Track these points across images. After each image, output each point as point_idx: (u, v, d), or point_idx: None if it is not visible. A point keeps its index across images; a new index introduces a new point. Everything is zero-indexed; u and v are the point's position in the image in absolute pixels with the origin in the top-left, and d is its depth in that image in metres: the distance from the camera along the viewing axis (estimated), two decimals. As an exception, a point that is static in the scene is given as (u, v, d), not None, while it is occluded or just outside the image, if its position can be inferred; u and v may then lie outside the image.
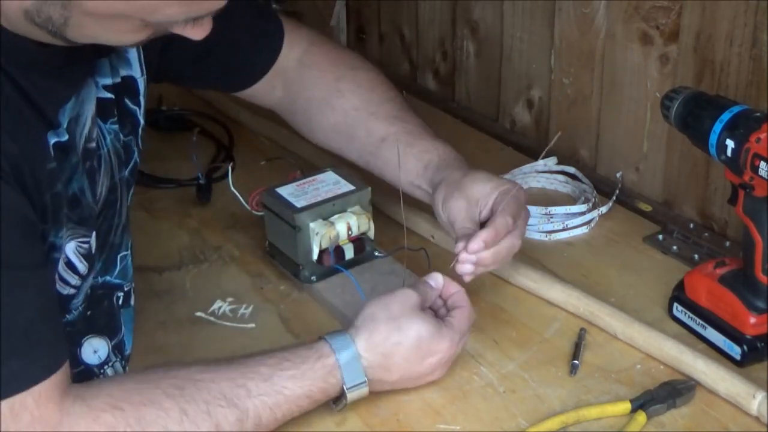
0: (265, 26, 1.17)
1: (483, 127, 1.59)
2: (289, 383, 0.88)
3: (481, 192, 1.04)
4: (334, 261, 1.14)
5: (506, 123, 1.58)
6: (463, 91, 1.67)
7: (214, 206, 1.35)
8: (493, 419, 0.93)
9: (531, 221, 1.25)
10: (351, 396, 0.91)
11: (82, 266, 0.91)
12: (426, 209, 1.16)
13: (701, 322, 1.03)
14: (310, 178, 1.18)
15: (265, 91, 1.19)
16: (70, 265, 0.89)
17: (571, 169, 1.38)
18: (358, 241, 1.15)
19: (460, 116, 1.63)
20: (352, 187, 1.16)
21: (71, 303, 0.92)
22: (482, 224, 1.02)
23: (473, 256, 0.99)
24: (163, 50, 1.04)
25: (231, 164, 1.31)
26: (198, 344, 1.06)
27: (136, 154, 1.01)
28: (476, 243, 0.98)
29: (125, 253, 1.01)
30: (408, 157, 1.12)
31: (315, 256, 1.13)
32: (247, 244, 1.25)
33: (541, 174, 1.39)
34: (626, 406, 0.93)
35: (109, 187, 0.96)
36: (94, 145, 0.91)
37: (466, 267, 0.99)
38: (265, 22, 1.17)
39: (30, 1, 0.75)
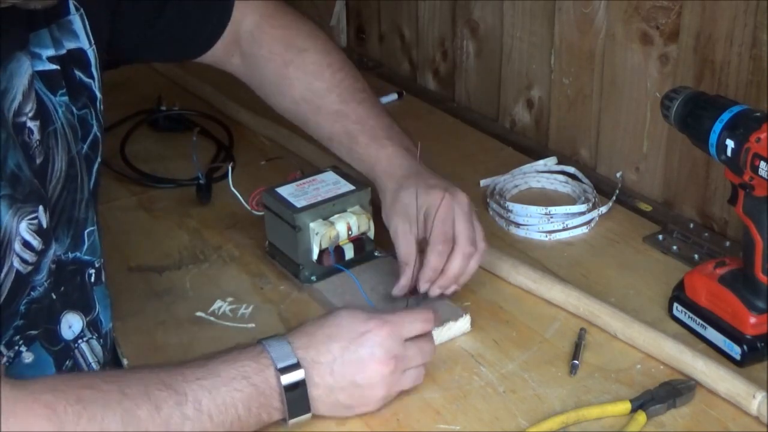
0: None
1: (483, 127, 1.59)
2: (223, 366, 0.87)
3: (412, 210, 1.05)
4: (334, 261, 1.14)
5: (506, 123, 1.58)
6: (463, 91, 1.67)
7: (214, 206, 1.35)
8: (493, 419, 0.93)
9: (531, 221, 1.26)
10: (287, 378, 0.88)
11: (36, 242, 0.89)
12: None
13: (701, 322, 1.03)
14: (310, 178, 1.18)
15: (223, 57, 1.20)
16: (26, 244, 0.89)
17: (571, 169, 1.38)
18: (358, 241, 1.15)
19: (460, 116, 1.63)
20: (352, 187, 1.16)
21: (34, 279, 0.92)
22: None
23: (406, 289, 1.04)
24: (112, 22, 1.04)
25: (231, 164, 1.31)
26: (198, 344, 1.05)
27: (95, 128, 1.00)
28: (397, 289, 1.06)
29: (92, 228, 1.00)
30: (352, 161, 1.16)
31: (315, 256, 1.13)
32: (247, 244, 1.25)
33: (541, 174, 1.39)
34: (626, 406, 0.93)
35: (67, 162, 0.95)
36: (23, 119, 0.89)
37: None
38: None
39: None
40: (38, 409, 0.78)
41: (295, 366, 0.88)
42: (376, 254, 1.17)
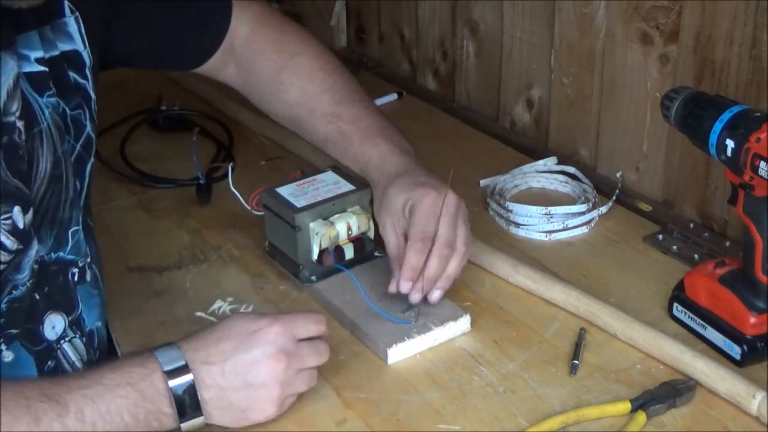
0: (213, 2, 1.18)
1: (483, 127, 1.59)
2: (108, 373, 0.85)
3: (398, 206, 1.05)
4: (334, 261, 1.14)
5: (506, 123, 1.58)
6: (463, 91, 1.67)
7: (214, 206, 1.35)
8: (493, 419, 0.93)
9: (531, 221, 1.26)
10: (174, 381, 0.85)
11: (9, 242, 0.89)
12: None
13: (701, 321, 1.03)
14: (310, 178, 1.18)
15: (218, 68, 1.20)
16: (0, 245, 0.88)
17: (571, 169, 1.38)
18: (358, 241, 1.15)
19: (460, 116, 1.63)
20: (352, 187, 1.16)
21: (15, 278, 0.91)
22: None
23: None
24: (107, 24, 1.04)
25: (231, 164, 1.31)
26: (198, 344, 1.05)
27: (89, 128, 1.00)
28: (391, 286, 1.05)
29: (76, 228, 1.00)
30: (346, 162, 1.16)
31: (315, 256, 1.13)
32: (247, 244, 1.25)
33: (541, 174, 1.39)
34: (626, 406, 0.93)
35: (53, 162, 0.95)
36: (11, 119, 0.89)
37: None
38: (212, 1, 1.18)
39: None
40: None
41: (184, 368, 0.86)
42: (376, 254, 1.17)
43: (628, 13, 1.28)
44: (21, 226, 0.90)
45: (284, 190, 1.16)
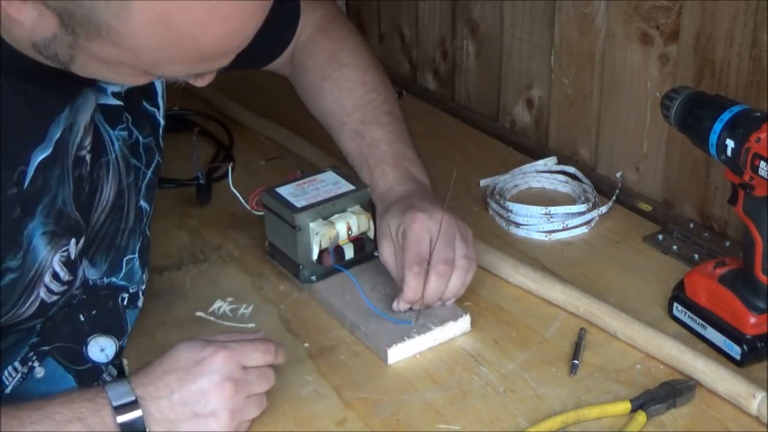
0: (284, 5, 1.18)
1: (483, 127, 1.59)
2: (59, 408, 0.84)
3: (392, 232, 1.05)
4: (334, 261, 1.14)
5: (506, 123, 1.58)
6: (463, 91, 1.67)
7: (214, 206, 1.35)
8: (493, 419, 0.93)
9: (531, 221, 1.26)
10: (123, 417, 0.84)
11: (63, 273, 0.91)
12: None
13: (701, 321, 1.03)
14: (310, 178, 1.18)
15: (282, 65, 1.24)
16: (54, 275, 0.90)
17: (571, 169, 1.38)
18: (358, 241, 1.15)
19: (460, 116, 1.63)
20: (352, 187, 1.16)
21: (50, 308, 0.93)
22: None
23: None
24: None
25: (231, 164, 1.31)
26: (198, 344, 1.05)
27: (157, 155, 1.03)
28: (396, 306, 1.05)
29: (132, 256, 1.02)
30: (362, 180, 1.17)
31: (315, 256, 1.13)
32: (247, 244, 1.25)
33: (541, 174, 1.39)
34: (626, 406, 0.93)
35: (117, 192, 0.97)
36: (83, 153, 0.91)
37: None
38: (283, 2, 1.19)
39: (39, 37, 0.75)
40: None
41: (133, 404, 0.85)
42: (376, 254, 1.17)
43: (628, 13, 1.28)
44: (73, 256, 0.92)
45: (284, 190, 1.16)
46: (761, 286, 0.98)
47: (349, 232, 1.13)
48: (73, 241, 0.91)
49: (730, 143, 0.95)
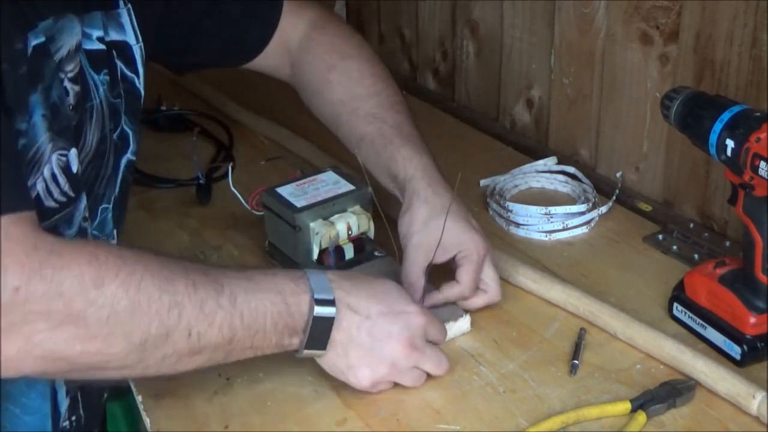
0: (261, 2, 1.19)
1: (483, 127, 1.59)
2: (263, 277, 0.88)
3: (442, 245, 1.03)
4: (334, 261, 1.14)
5: (506, 123, 1.58)
6: (463, 91, 1.67)
7: (214, 206, 1.35)
8: (493, 419, 0.93)
9: (531, 221, 1.26)
10: (320, 310, 0.88)
11: (62, 181, 0.90)
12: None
13: (701, 321, 1.03)
14: (310, 178, 1.18)
15: (278, 66, 1.23)
16: (54, 178, 0.89)
17: (571, 169, 1.38)
18: (358, 241, 1.15)
19: (460, 116, 1.63)
20: (352, 187, 1.16)
21: (66, 234, 0.92)
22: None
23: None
24: (160, 21, 1.06)
25: (231, 164, 1.31)
26: (198, 344, 1.05)
27: (124, 121, 1.02)
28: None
29: (106, 205, 1.01)
30: (379, 163, 1.12)
31: (315, 256, 1.13)
32: (247, 244, 1.25)
33: (541, 174, 1.39)
34: (626, 406, 0.93)
35: (99, 138, 0.96)
36: (61, 76, 0.90)
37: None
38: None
39: None
40: (82, 252, 0.78)
41: (330, 302, 0.89)
42: (376, 254, 1.17)
43: (628, 13, 1.28)
44: (74, 170, 0.91)
45: (284, 190, 1.16)
46: (761, 286, 0.98)
47: (349, 232, 1.13)
48: (73, 151, 0.90)
49: (730, 143, 0.95)
